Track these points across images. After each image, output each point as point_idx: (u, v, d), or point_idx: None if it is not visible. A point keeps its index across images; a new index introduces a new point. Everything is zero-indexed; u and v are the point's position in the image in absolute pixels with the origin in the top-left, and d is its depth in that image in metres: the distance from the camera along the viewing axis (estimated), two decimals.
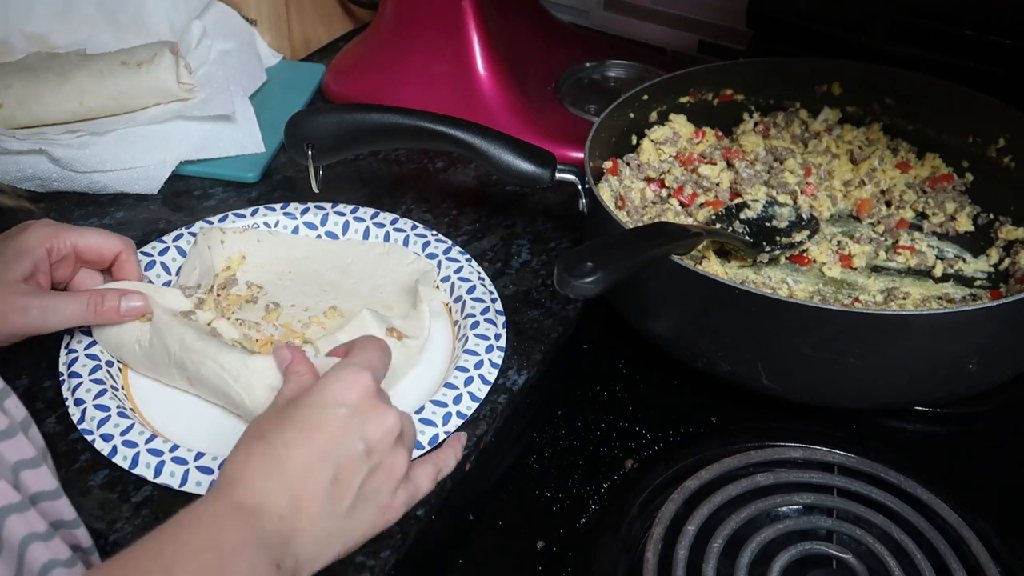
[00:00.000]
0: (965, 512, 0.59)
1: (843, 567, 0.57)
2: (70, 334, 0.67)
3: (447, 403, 0.63)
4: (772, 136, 0.85)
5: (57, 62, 0.89)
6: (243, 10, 1.03)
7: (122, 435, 0.61)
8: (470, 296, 0.73)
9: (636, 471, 0.64)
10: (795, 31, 0.91)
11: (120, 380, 0.67)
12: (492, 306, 0.72)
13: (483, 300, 0.72)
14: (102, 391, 0.64)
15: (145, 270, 0.73)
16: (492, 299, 0.73)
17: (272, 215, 0.80)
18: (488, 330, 0.69)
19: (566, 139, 0.87)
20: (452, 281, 0.74)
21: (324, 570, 0.55)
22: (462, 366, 0.66)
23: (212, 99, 0.89)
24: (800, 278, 0.73)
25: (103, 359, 0.66)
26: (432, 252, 0.77)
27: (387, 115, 0.74)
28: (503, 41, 0.92)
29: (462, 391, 0.64)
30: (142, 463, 0.59)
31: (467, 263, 0.76)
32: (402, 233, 0.79)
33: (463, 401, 0.64)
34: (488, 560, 0.59)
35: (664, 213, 0.78)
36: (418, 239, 0.78)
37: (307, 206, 0.81)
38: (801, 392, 0.64)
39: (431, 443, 0.61)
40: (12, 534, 0.45)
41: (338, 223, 0.80)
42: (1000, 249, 0.75)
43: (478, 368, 0.66)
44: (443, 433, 0.62)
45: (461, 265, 0.75)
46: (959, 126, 0.80)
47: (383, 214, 0.80)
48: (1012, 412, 0.69)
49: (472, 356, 0.67)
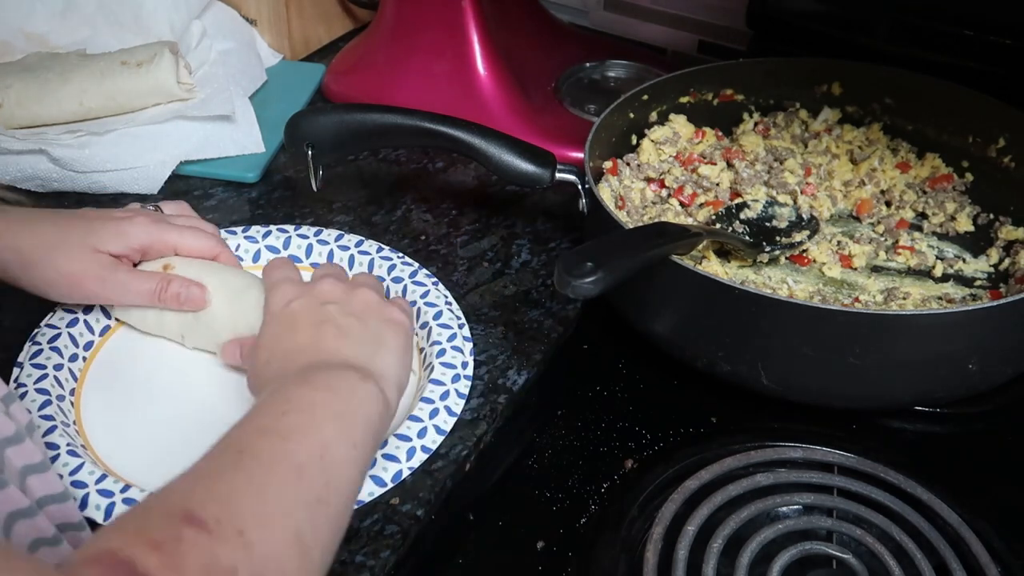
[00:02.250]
0: (965, 512, 0.59)
1: (843, 567, 0.57)
2: (19, 367, 0.64)
3: (411, 437, 0.60)
4: (772, 136, 0.85)
5: (57, 62, 0.89)
6: (243, 10, 1.03)
7: (71, 474, 0.57)
8: (436, 322, 0.69)
9: (636, 471, 0.64)
10: (795, 31, 0.91)
11: (72, 415, 0.63)
12: (459, 332, 0.69)
13: (450, 326, 0.69)
14: (52, 428, 0.60)
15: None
16: (459, 324, 0.69)
17: (232, 239, 0.75)
18: (455, 358, 0.66)
19: (566, 139, 0.87)
20: (419, 306, 0.71)
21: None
22: (427, 397, 0.63)
23: (212, 99, 0.89)
24: (800, 278, 0.73)
25: (54, 394, 0.63)
26: (398, 276, 0.73)
27: (387, 115, 0.74)
28: (503, 41, 0.92)
29: (427, 424, 0.61)
30: (91, 505, 0.56)
31: (433, 287, 0.72)
32: (367, 256, 0.75)
33: (428, 435, 0.61)
34: (488, 560, 0.59)
35: (664, 213, 0.78)
36: (383, 262, 0.74)
37: (269, 229, 0.77)
38: (801, 392, 0.64)
39: (394, 480, 0.58)
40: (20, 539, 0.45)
41: (301, 246, 0.76)
42: (1000, 249, 0.75)
43: (444, 399, 0.63)
44: (407, 469, 0.59)
45: (428, 289, 0.72)
46: (959, 126, 0.80)
47: (347, 236, 0.77)
48: (1012, 412, 0.69)
49: (438, 386, 0.64)
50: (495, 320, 0.72)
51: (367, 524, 0.58)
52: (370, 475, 0.58)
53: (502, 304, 0.74)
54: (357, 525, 0.58)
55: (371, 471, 0.59)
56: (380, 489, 0.58)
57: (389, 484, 0.59)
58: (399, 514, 0.58)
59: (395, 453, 0.60)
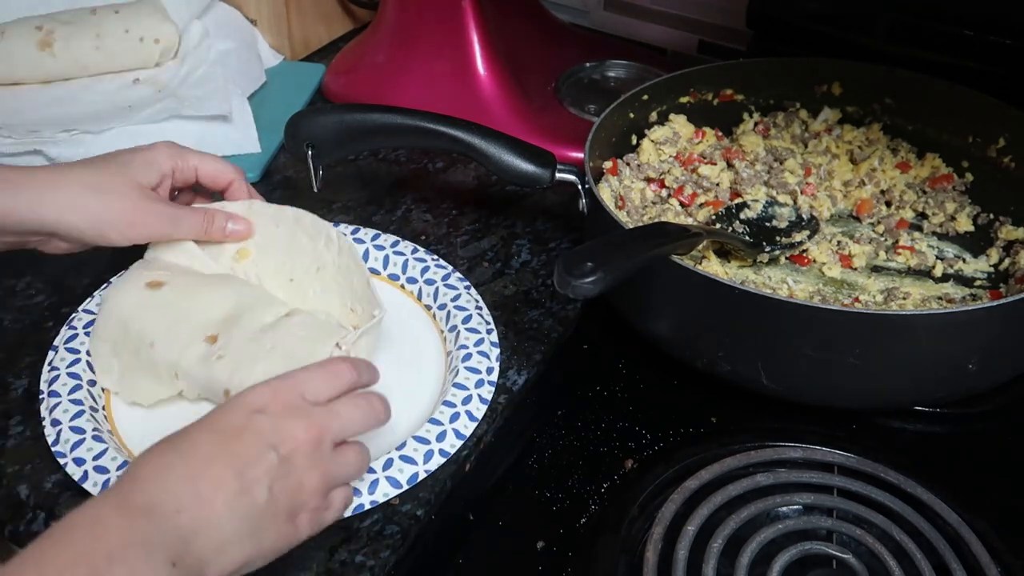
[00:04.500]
0: (965, 512, 0.59)
1: (843, 567, 0.57)
2: (54, 351, 0.66)
3: (430, 440, 0.61)
4: (772, 136, 0.85)
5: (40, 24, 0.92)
6: (243, 10, 1.03)
7: (94, 459, 0.58)
8: (464, 326, 0.69)
9: (636, 471, 0.64)
10: (795, 31, 0.91)
11: (102, 401, 0.65)
12: (487, 337, 0.69)
13: (478, 331, 0.69)
14: (79, 412, 0.62)
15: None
16: (488, 330, 0.69)
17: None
18: (480, 363, 0.66)
19: (566, 139, 0.87)
20: (448, 309, 0.71)
21: (319, 569, 0.55)
22: (449, 401, 0.63)
23: (209, 99, 0.89)
24: (800, 278, 0.73)
25: (84, 379, 0.64)
26: (430, 278, 0.74)
27: (387, 115, 0.74)
28: (503, 41, 0.92)
29: (446, 427, 0.62)
30: None
31: (465, 290, 0.73)
32: (401, 257, 0.76)
33: (447, 438, 0.61)
34: (488, 560, 0.59)
35: (664, 213, 0.78)
36: (417, 263, 0.75)
37: None
38: (801, 392, 0.64)
39: (409, 482, 0.59)
40: None
41: None
42: (1000, 249, 0.75)
43: (466, 404, 0.63)
44: (423, 472, 0.59)
45: (459, 293, 0.72)
46: (959, 126, 0.80)
47: (383, 236, 0.77)
48: (1012, 412, 0.69)
49: (461, 391, 0.64)
50: (495, 320, 0.72)
51: (367, 524, 0.58)
52: (386, 476, 0.58)
53: (502, 304, 0.74)
54: (357, 525, 0.58)
55: (387, 472, 0.59)
56: (395, 491, 0.58)
57: (405, 486, 0.59)
58: (399, 514, 0.58)
59: (412, 455, 0.60)
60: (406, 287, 0.75)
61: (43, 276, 0.76)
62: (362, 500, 0.57)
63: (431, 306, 0.73)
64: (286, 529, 0.48)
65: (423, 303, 0.74)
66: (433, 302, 0.73)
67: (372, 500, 0.58)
